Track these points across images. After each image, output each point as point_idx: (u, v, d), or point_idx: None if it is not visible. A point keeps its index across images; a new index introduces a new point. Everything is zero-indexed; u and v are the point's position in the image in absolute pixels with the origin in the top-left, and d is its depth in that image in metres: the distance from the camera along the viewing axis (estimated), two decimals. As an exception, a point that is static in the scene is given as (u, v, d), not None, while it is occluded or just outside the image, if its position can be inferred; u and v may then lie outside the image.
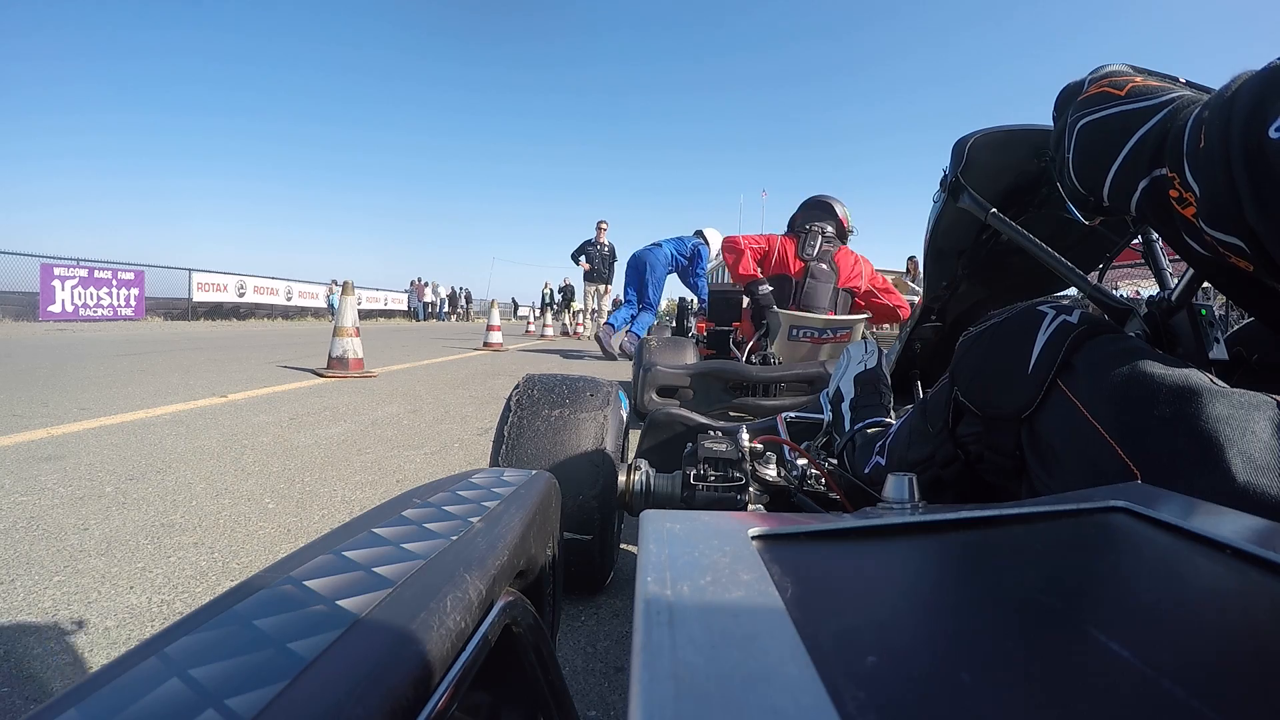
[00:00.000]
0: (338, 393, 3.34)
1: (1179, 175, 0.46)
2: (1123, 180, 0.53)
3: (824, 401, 1.28)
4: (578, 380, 1.07)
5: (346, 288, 4.51)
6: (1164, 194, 0.48)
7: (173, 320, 11.31)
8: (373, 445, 2.19)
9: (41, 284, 8.97)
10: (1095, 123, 0.56)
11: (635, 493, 0.99)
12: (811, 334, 2.86)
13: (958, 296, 1.27)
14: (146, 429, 2.26)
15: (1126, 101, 0.54)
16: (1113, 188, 0.54)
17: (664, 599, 0.19)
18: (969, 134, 0.98)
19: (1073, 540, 0.28)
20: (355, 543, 0.29)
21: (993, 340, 0.64)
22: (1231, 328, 0.74)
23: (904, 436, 0.79)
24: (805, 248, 2.92)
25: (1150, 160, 0.49)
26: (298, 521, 1.43)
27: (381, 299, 20.40)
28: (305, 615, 0.23)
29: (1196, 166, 0.44)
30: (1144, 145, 0.50)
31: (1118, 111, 0.54)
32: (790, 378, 2.50)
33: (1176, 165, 0.46)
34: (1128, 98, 0.54)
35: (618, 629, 1.02)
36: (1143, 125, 0.51)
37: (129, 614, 0.99)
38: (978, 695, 0.16)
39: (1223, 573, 0.23)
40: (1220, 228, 0.44)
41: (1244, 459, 0.44)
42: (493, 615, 0.29)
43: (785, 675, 0.15)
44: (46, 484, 1.59)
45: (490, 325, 7.89)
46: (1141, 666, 0.17)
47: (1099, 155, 0.55)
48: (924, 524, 0.28)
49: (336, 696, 0.19)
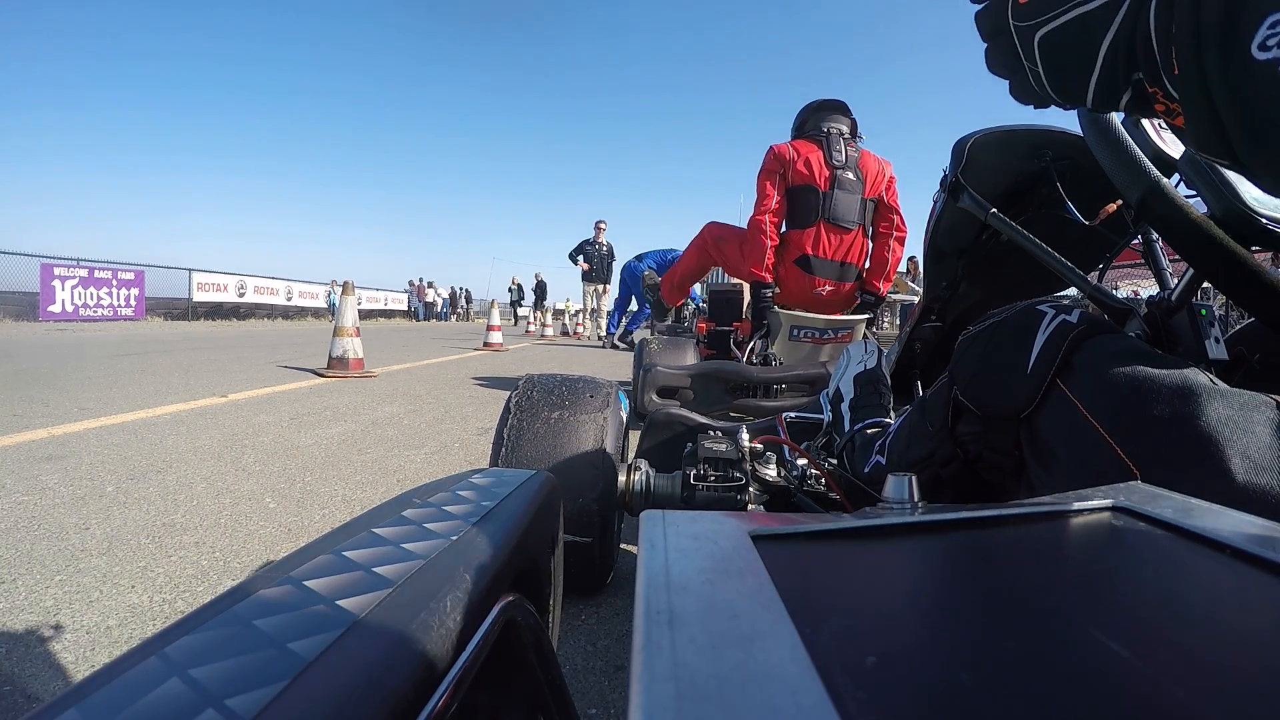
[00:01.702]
0: (338, 393, 3.34)
1: (1160, 89, 0.41)
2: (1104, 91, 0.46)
3: (824, 401, 1.28)
4: (577, 381, 1.07)
5: (347, 288, 4.51)
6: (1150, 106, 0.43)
7: (173, 320, 11.32)
8: (373, 445, 2.19)
9: (41, 284, 8.98)
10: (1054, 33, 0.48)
11: (635, 493, 0.99)
12: (813, 334, 2.80)
13: (958, 296, 1.27)
14: (147, 429, 2.26)
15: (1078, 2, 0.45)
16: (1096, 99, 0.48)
17: (664, 599, 0.19)
18: (969, 134, 0.98)
19: (1072, 540, 0.28)
20: (355, 543, 0.29)
21: (992, 339, 0.64)
22: (1231, 328, 0.74)
23: (903, 435, 0.79)
24: (832, 154, 2.63)
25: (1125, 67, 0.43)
26: (298, 521, 1.43)
27: (381, 299, 20.41)
28: (305, 615, 0.23)
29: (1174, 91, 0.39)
30: (1115, 54, 0.44)
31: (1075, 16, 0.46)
32: (792, 378, 2.46)
33: (1155, 79, 0.41)
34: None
35: (618, 628, 1.02)
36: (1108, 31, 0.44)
37: (130, 613, 0.99)
38: (978, 695, 0.16)
39: (1223, 573, 0.23)
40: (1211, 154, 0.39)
41: (1243, 459, 0.44)
42: (493, 615, 0.29)
43: (785, 675, 0.15)
44: (47, 483, 1.59)
45: (490, 325, 7.90)
46: (1141, 666, 0.17)
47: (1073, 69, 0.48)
48: (924, 524, 0.28)
49: (336, 696, 0.19)
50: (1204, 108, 0.36)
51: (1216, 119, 0.36)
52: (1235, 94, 0.34)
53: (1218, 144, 0.37)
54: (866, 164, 2.72)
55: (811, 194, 2.66)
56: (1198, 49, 0.34)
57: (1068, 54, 0.48)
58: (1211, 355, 0.60)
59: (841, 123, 2.76)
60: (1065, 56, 0.48)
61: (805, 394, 2.44)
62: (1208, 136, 0.37)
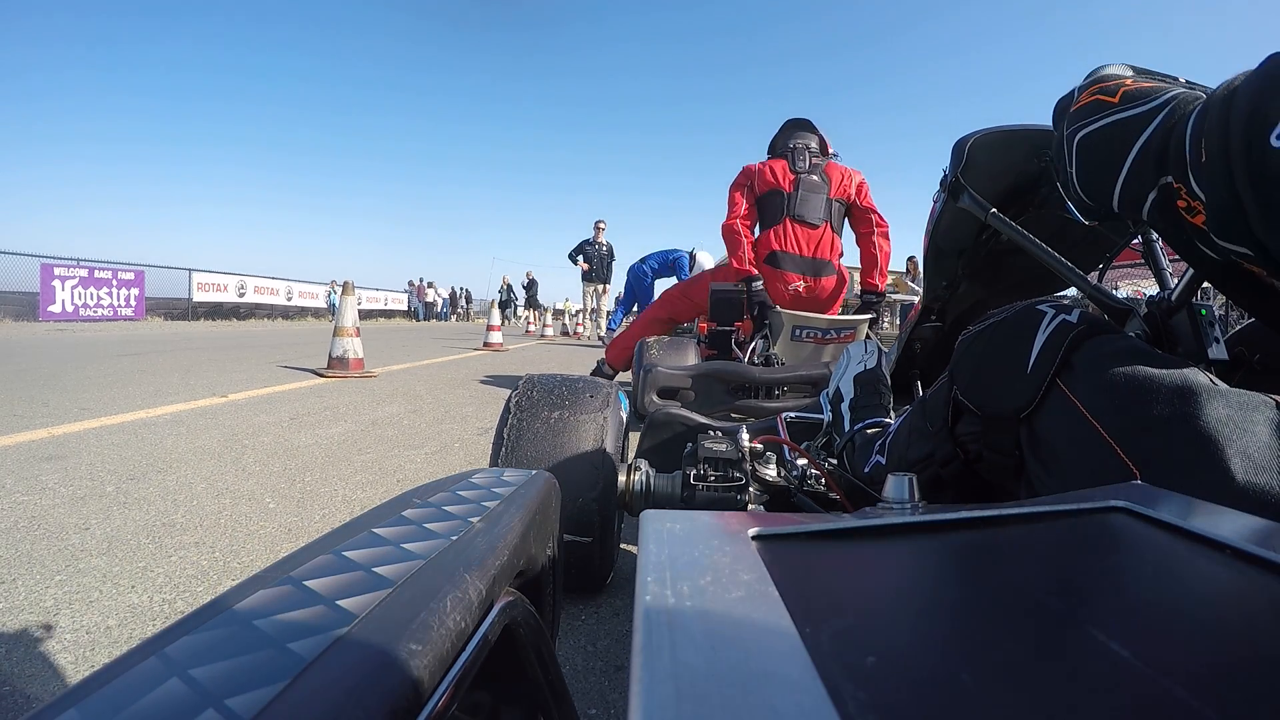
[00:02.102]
0: (338, 393, 3.34)
1: (1184, 185, 0.44)
2: (1130, 192, 0.51)
3: (824, 401, 1.28)
4: (577, 381, 1.07)
5: (347, 288, 4.51)
6: (1172, 203, 0.47)
7: (173, 320, 11.31)
8: (373, 445, 2.19)
9: (41, 284, 8.97)
10: (1093, 134, 0.53)
11: (635, 493, 0.99)
12: (815, 334, 2.81)
13: (958, 296, 1.27)
14: (147, 429, 2.26)
15: (1121, 109, 0.51)
16: (1121, 200, 0.52)
17: (664, 599, 0.19)
18: (969, 134, 0.98)
19: (1073, 540, 0.28)
20: (355, 543, 0.29)
21: (992, 339, 0.64)
22: (1231, 328, 0.74)
23: (903, 435, 0.79)
24: (796, 163, 2.91)
25: (1155, 169, 0.48)
26: (298, 521, 1.43)
27: (381, 299, 20.40)
28: (305, 615, 0.23)
29: (1200, 179, 0.42)
30: (1147, 154, 0.48)
31: (1114, 120, 0.51)
32: (794, 379, 2.41)
33: (1181, 176, 0.45)
34: (1122, 104, 0.52)
35: (618, 628, 1.02)
36: (1142, 133, 0.49)
37: (130, 613, 0.99)
38: (978, 695, 0.16)
39: (1223, 573, 0.23)
40: (1230, 239, 0.43)
41: (1243, 459, 0.44)
42: (493, 615, 0.29)
43: (785, 675, 0.15)
44: (48, 484, 1.59)
45: (490, 325, 7.90)
46: (1141, 666, 0.17)
47: (1102, 168, 0.53)
48: (924, 524, 0.28)
49: (336, 696, 0.19)
50: (1226, 191, 0.40)
51: (1237, 201, 0.39)
52: (1255, 177, 0.38)
53: (1237, 227, 0.41)
54: (831, 169, 2.94)
55: (777, 196, 2.87)
56: (1226, 138, 0.39)
57: (1100, 155, 0.53)
58: (1211, 355, 0.60)
59: (808, 139, 2.98)
60: (1097, 157, 0.53)
61: (808, 395, 2.37)
62: (1228, 221, 0.41)
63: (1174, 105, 0.48)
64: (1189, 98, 0.48)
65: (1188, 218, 0.46)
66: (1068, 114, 0.58)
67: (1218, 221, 0.42)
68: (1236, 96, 0.40)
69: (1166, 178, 0.46)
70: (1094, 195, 0.55)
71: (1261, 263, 0.43)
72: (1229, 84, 0.42)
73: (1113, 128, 0.52)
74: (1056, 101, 0.63)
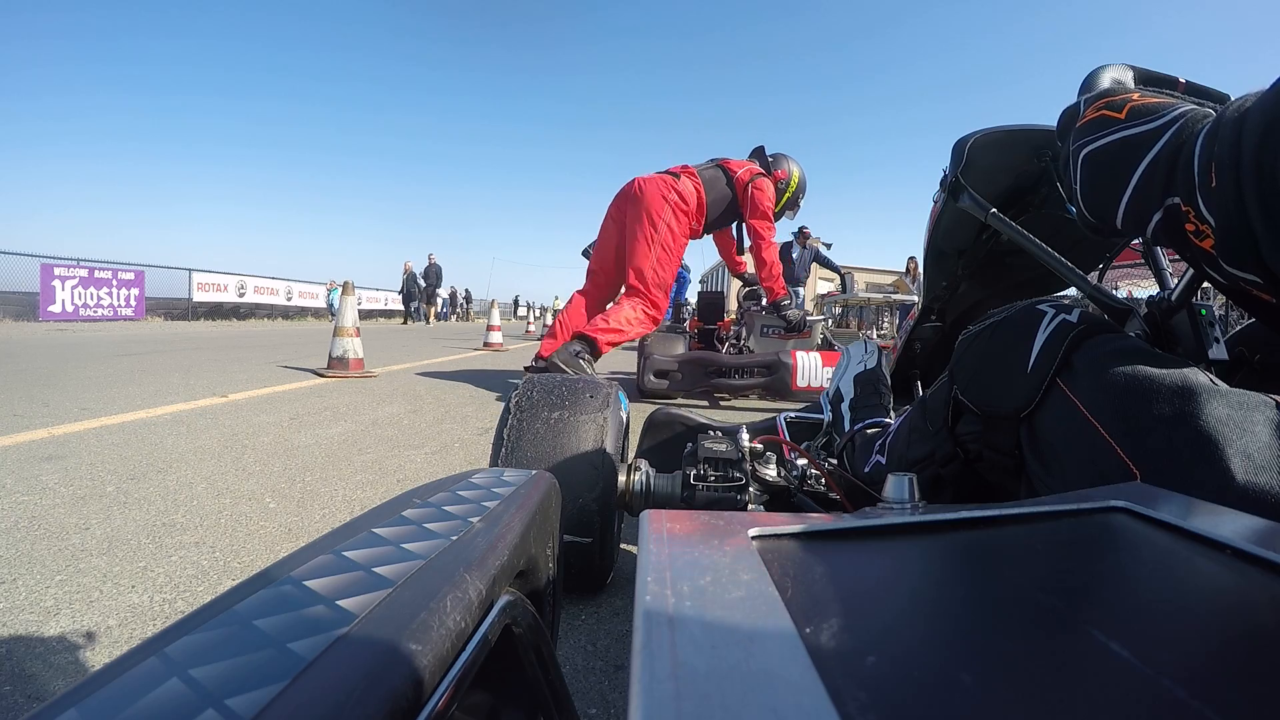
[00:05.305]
0: (338, 393, 3.34)
1: (1193, 209, 0.44)
2: (1135, 210, 0.50)
3: (824, 402, 1.28)
4: (577, 382, 1.07)
5: (347, 288, 4.51)
6: (1180, 226, 0.46)
7: (173, 320, 11.32)
8: (373, 445, 2.19)
9: (41, 284, 8.98)
10: (1098, 151, 0.52)
11: (635, 493, 0.99)
12: (777, 331, 4.08)
13: (958, 296, 1.27)
14: (147, 429, 2.26)
15: (1127, 125, 0.50)
16: (1126, 218, 0.51)
17: (664, 599, 0.19)
18: (969, 134, 0.98)
19: (1073, 540, 0.28)
20: (355, 543, 0.29)
21: (992, 339, 0.64)
22: (1231, 328, 0.74)
23: (904, 435, 0.79)
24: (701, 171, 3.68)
25: (1162, 190, 0.47)
26: (298, 521, 1.43)
27: (381, 299, 20.40)
28: (305, 615, 0.23)
29: (1209, 204, 0.42)
30: (1153, 174, 0.47)
31: (1119, 138, 0.50)
32: (750, 364, 3.58)
33: (1189, 199, 0.44)
34: (1128, 120, 0.51)
35: (618, 628, 1.02)
36: (1148, 152, 0.47)
37: (130, 613, 0.99)
38: (978, 695, 0.16)
39: (1223, 573, 0.23)
40: (1240, 266, 0.42)
41: (1243, 459, 0.44)
42: (493, 615, 0.29)
43: (785, 675, 0.15)
44: (48, 483, 1.59)
45: (490, 325, 7.90)
46: (1142, 666, 0.17)
47: (1107, 185, 0.52)
48: (924, 524, 0.28)
49: (336, 696, 0.19)
50: (1237, 214, 0.39)
51: (1247, 226, 0.39)
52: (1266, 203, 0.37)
53: (1248, 252, 0.40)
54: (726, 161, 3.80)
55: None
56: (1237, 163, 0.38)
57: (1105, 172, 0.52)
58: (1212, 355, 0.60)
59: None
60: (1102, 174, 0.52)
61: (765, 376, 3.54)
62: (1238, 247, 0.41)
63: (1182, 124, 0.47)
64: (1197, 115, 0.47)
65: (1196, 241, 0.45)
66: (1073, 129, 0.57)
67: (1227, 247, 0.42)
68: (1248, 119, 0.39)
69: (1173, 199, 0.46)
70: (1098, 213, 0.54)
71: (1271, 291, 0.42)
72: (1240, 104, 0.41)
73: (1118, 145, 0.51)
74: (1061, 113, 0.62)
